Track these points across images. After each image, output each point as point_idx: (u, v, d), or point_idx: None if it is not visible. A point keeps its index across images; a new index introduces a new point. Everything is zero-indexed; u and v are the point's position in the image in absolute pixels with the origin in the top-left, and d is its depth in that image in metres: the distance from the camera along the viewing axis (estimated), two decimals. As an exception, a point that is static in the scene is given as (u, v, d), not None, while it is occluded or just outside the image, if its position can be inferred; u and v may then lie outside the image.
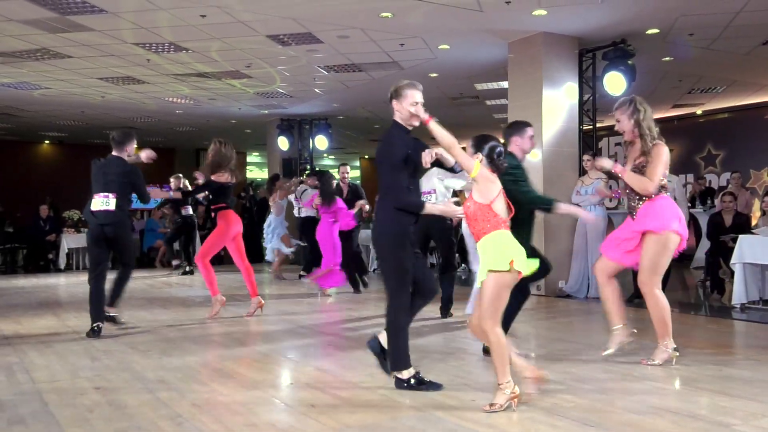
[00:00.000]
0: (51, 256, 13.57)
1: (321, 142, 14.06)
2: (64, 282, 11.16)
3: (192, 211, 11.82)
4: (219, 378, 4.28)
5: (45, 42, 8.43)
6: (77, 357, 4.95)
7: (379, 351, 4.08)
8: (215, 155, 6.61)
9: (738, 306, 6.89)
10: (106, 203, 5.72)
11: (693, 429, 3.15)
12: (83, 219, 13.71)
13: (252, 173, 21.97)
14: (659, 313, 4.41)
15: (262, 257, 12.64)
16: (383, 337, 4.05)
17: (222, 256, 10.84)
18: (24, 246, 14.08)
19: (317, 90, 11.73)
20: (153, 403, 3.67)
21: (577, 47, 8.64)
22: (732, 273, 7.29)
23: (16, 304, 8.15)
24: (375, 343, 4.11)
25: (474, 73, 10.45)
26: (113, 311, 6.15)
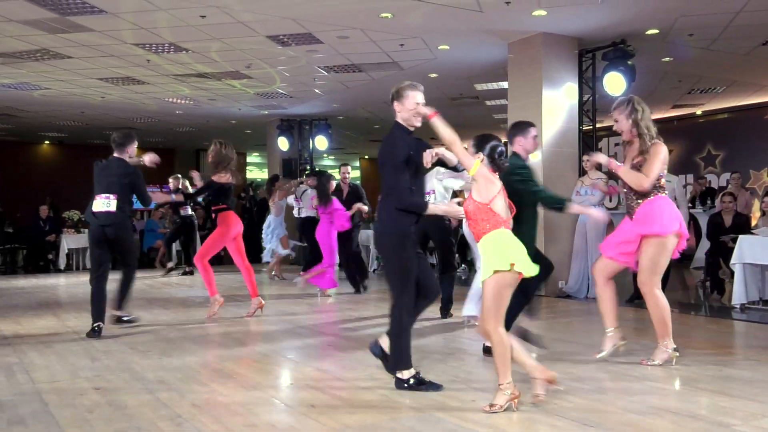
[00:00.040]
0: (51, 256, 13.58)
1: (321, 142, 14.06)
2: (63, 282, 11.16)
3: (191, 211, 11.75)
4: (219, 378, 4.28)
5: (45, 42, 8.43)
6: (77, 357, 4.95)
7: (382, 355, 4.11)
8: (215, 156, 6.62)
9: (738, 306, 6.90)
10: (107, 204, 5.75)
11: (693, 429, 3.15)
12: (84, 220, 13.76)
13: (252, 174, 21.96)
14: (659, 314, 4.41)
15: (261, 258, 12.61)
16: (384, 341, 4.08)
17: (222, 256, 10.81)
18: (24, 246, 14.08)
19: (317, 90, 11.73)
20: (153, 404, 3.67)
21: (577, 48, 8.64)
22: (732, 273, 7.29)
23: (15, 304, 8.15)
24: (377, 348, 4.13)
25: (474, 74, 10.45)
26: (121, 313, 6.18)
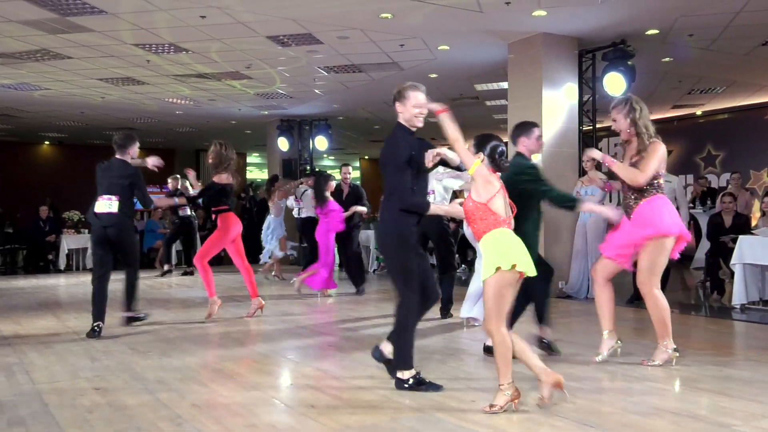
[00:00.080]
0: (51, 256, 13.59)
1: (321, 142, 14.05)
2: (63, 283, 11.16)
3: (189, 212, 11.67)
4: (219, 379, 4.28)
5: (45, 43, 8.43)
6: (77, 358, 4.95)
7: (382, 359, 4.13)
8: (216, 157, 6.62)
9: (738, 306, 6.90)
10: (109, 206, 5.81)
11: (693, 430, 3.15)
12: (86, 220, 13.75)
13: (252, 174, 21.94)
14: (659, 314, 4.41)
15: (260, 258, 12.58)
16: (385, 346, 4.10)
17: (222, 256, 10.79)
18: (24, 247, 14.09)
19: (317, 91, 11.73)
20: (153, 404, 3.67)
21: (577, 48, 8.64)
22: (732, 274, 7.29)
23: (15, 304, 8.15)
24: (377, 353, 4.15)
25: (474, 74, 10.45)
26: (131, 314, 6.26)
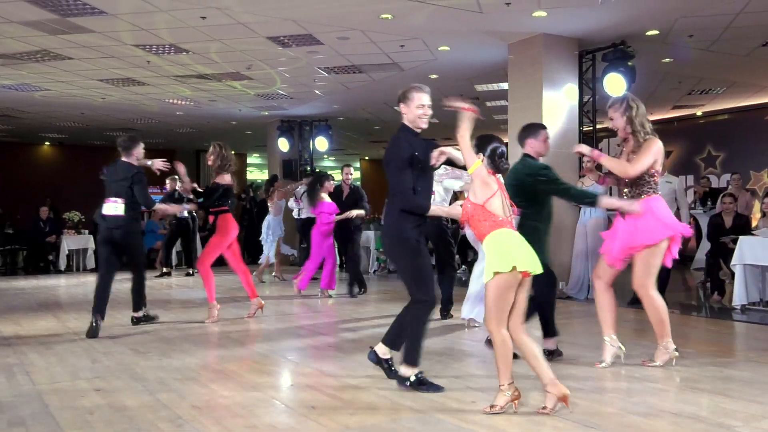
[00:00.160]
0: (51, 257, 13.58)
1: (321, 143, 14.05)
2: (64, 283, 11.16)
3: (187, 213, 11.47)
4: (219, 379, 4.28)
5: (45, 44, 8.44)
6: (77, 358, 4.95)
7: (378, 361, 4.14)
8: (218, 158, 6.62)
9: (738, 307, 6.90)
10: (115, 208, 6.01)
11: (693, 431, 3.14)
12: (86, 221, 13.79)
13: (252, 175, 21.92)
14: (657, 314, 4.41)
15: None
16: (379, 348, 4.12)
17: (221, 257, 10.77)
18: (24, 247, 14.07)
19: (317, 91, 11.73)
20: (153, 405, 3.67)
21: (577, 48, 8.64)
22: (732, 274, 7.29)
23: (16, 305, 8.14)
24: (373, 355, 4.16)
25: (474, 75, 10.46)
26: (139, 315, 6.41)
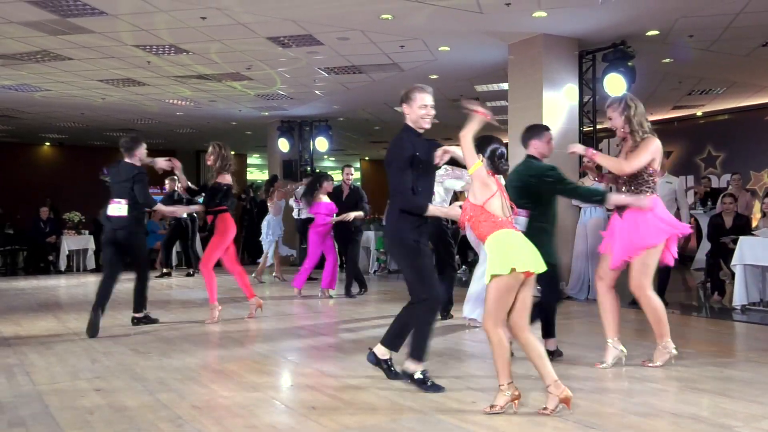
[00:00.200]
0: (51, 257, 13.58)
1: (321, 143, 14.06)
2: (64, 284, 11.16)
3: (185, 215, 11.32)
4: (219, 379, 4.29)
5: (45, 44, 8.44)
6: (77, 359, 4.95)
7: (377, 362, 4.14)
8: (218, 158, 6.62)
9: (738, 308, 6.89)
10: (119, 209, 6.12)
11: (694, 431, 3.14)
12: (87, 222, 13.80)
13: (253, 175, 21.90)
14: (655, 314, 4.41)
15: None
16: (378, 349, 4.13)
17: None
18: (24, 248, 14.07)
19: (317, 92, 11.73)
20: (153, 405, 3.67)
21: (577, 49, 8.65)
22: (732, 275, 7.29)
23: (16, 305, 8.15)
24: (373, 357, 4.17)
25: (474, 75, 10.46)
26: (139, 315, 6.45)
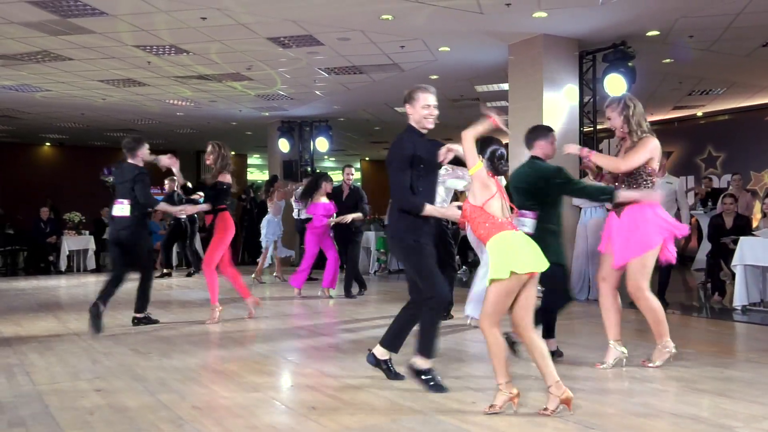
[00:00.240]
0: (51, 258, 13.58)
1: (322, 144, 14.06)
2: (64, 284, 11.16)
3: (184, 215, 11.39)
4: (219, 380, 4.29)
5: (46, 44, 8.44)
6: (78, 359, 4.95)
7: (377, 363, 4.15)
8: (218, 158, 6.62)
9: (739, 308, 6.89)
10: (122, 210, 6.19)
11: (694, 431, 3.14)
12: (87, 222, 13.82)
13: (253, 175, 21.90)
14: (653, 315, 4.42)
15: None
16: (377, 350, 4.13)
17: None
18: (24, 248, 14.07)
19: (318, 92, 11.73)
20: (153, 406, 3.67)
21: (578, 49, 8.65)
22: (733, 275, 7.28)
23: (16, 306, 8.15)
24: (372, 358, 4.17)
25: (474, 75, 10.45)
26: (140, 315, 6.49)
